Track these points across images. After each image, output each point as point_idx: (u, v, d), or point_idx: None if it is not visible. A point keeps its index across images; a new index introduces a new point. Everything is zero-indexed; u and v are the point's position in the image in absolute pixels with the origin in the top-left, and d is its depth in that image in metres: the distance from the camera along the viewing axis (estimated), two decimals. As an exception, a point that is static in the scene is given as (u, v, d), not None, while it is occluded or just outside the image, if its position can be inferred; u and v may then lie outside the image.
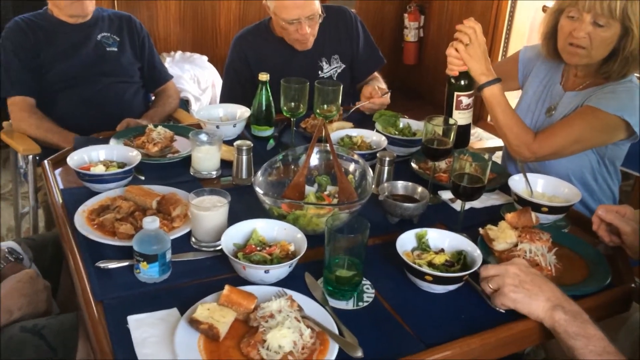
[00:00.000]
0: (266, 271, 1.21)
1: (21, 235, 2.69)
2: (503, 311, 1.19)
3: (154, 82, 2.42)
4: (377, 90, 2.16)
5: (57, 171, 1.72)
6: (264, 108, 1.98)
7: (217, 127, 1.92)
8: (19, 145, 2.10)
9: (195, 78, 3.77)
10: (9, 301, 1.31)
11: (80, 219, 1.40)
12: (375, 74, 2.43)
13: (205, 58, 4.02)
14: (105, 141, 1.83)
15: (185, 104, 3.55)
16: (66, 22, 2.19)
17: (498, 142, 2.34)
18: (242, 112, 2.00)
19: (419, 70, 5.19)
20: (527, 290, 1.15)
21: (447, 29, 4.86)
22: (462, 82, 1.75)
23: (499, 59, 4.41)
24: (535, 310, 1.14)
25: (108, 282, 1.23)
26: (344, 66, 2.33)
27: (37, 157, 2.14)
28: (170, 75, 2.51)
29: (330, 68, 2.30)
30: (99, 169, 1.55)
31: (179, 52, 4.03)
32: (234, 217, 1.37)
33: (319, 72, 2.27)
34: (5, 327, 1.30)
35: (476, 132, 4.41)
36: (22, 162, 2.32)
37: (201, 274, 1.28)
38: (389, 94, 2.16)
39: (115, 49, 2.24)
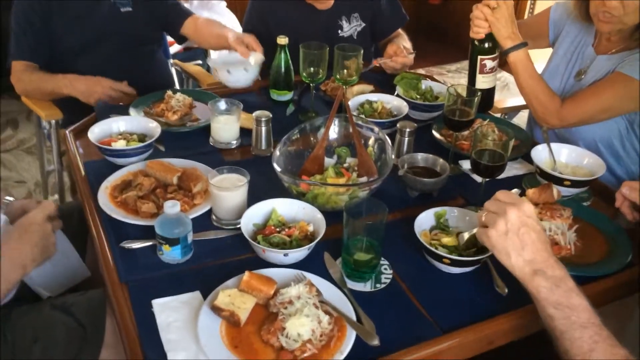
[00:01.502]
0: (285, 254, 1.23)
1: (48, 192, 2.76)
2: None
3: (176, 26, 2.29)
4: (402, 49, 2.09)
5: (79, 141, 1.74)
6: (282, 72, 1.94)
7: (229, 71, 1.90)
8: (41, 110, 2.12)
9: (214, 25, 3.69)
10: (21, 256, 1.23)
11: (104, 196, 1.43)
12: (400, 31, 2.34)
13: (223, 4, 3.92)
14: (126, 108, 1.83)
15: (203, 52, 3.50)
16: None
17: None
18: (255, 58, 1.94)
19: (444, 9, 5.01)
20: (510, 242, 1.06)
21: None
22: (486, 45, 1.69)
23: (526, 15, 4.24)
24: (512, 268, 1.07)
25: (132, 263, 1.27)
26: (364, 24, 2.25)
27: (60, 122, 2.16)
28: (191, 12, 2.37)
29: (350, 27, 2.22)
30: (120, 144, 1.56)
31: (197, -2, 3.94)
32: (252, 189, 1.39)
33: (339, 31, 2.21)
34: (35, 303, 1.36)
35: (502, 76, 4.28)
36: (45, 122, 2.34)
37: (222, 254, 1.31)
38: (414, 54, 2.09)
39: (130, 9, 2.18)
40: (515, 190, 1.24)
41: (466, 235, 1.24)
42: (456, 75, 4.47)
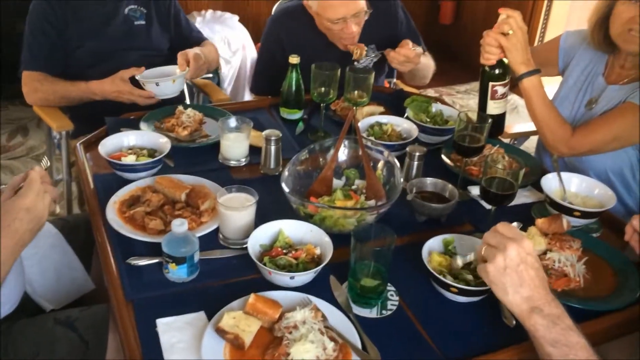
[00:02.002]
0: (292, 277, 1.22)
1: (56, 201, 2.76)
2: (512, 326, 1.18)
3: (185, 47, 2.35)
4: (410, 45, 2.05)
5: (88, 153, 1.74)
6: (293, 90, 1.95)
7: (157, 84, 1.95)
8: (52, 121, 2.12)
9: (225, 40, 3.73)
10: (39, 212, 1.19)
11: (112, 210, 1.43)
12: (426, 53, 2.34)
13: (236, 18, 3.96)
14: (136, 122, 1.84)
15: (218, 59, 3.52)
16: None
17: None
18: (180, 69, 2.03)
19: (455, 30, 5.03)
20: (509, 278, 1.05)
21: (487, -11, 4.66)
22: (497, 71, 1.69)
23: (537, 41, 4.27)
24: (510, 304, 1.06)
25: (138, 280, 1.26)
26: (380, 55, 2.25)
27: (70, 132, 2.17)
28: (204, 37, 2.43)
29: (367, 58, 2.22)
30: (130, 159, 1.57)
31: (210, 11, 3.97)
32: (260, 207, 1.38)
33: (355, 63, 2.21)
34: (38, 316, 1.36)
35: (511, 99, 4.28)
36: (55, 132, 2.35)
37: (228, 274, 1.30)
38: (424, 54, 2.04)
39: (143, 22, 2.20)
40: (515, 224, 1.24)
41: (460, 262, 1.23)
42: (465, 96, 4.48)
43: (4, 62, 3.51)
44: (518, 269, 1.05)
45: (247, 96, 3.81)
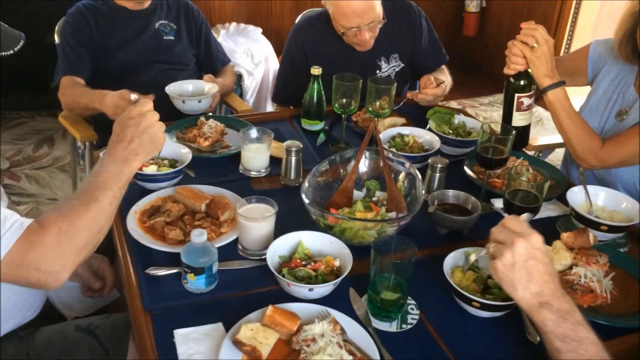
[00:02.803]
0: (310, 289, 1.21)
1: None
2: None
3: (210, 67, 2.41)
4: (431, 81, 2.08)
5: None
6: (315, 102, 1.95)
7: (183, 102, 1.99)
8: (77, 132, 2.16)
9: (248, 52, 3.75)
10: (122, 153, 1.23)
11: (133, 220, 1.44)
12: (442, 66, 2.34)
13: (259, 30, 3.99)
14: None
15: (238, 78, 3.55)
16: (126, 9, 2.20)
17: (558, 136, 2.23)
18: (209, 87, 2.09)
19: (479, 42, 5.00)
20: (517, 274, 1.03)
21: (512, 1, 4.63)
22: (523, 82, 1.67)
23: (562, 52, 4.22)
24: (519, 300, 1.04)
25: (156, 290, 1.26)
26: (402, 65, 2.24)
27: (95, 143, 2.20)
28: (228, 59, 2.49)
29: (389, 67, 2.22)
30: (151, 169, 1.58)
31: (234, 24, 4.01)
32: (279, 218, 1.38)
33: (377, 71, 2.20)
34: (60, 323, 1.37)
35: (536, 111, 4.23)
36: (80, 142, 2.39)
37: (247, 285, 1.29)
38: (445, 84, 2.07)
39: (172, 38, 2.25)
40: (524, 217, 1.21)
41: (473, 257, 1.21)
42: (489, 108, 4.43)
43: (32, 74, 3.59)
44: (527, 265, 1.03)
45: (270, 107, 3.82)
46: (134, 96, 1.43)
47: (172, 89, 2.03)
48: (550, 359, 1.02)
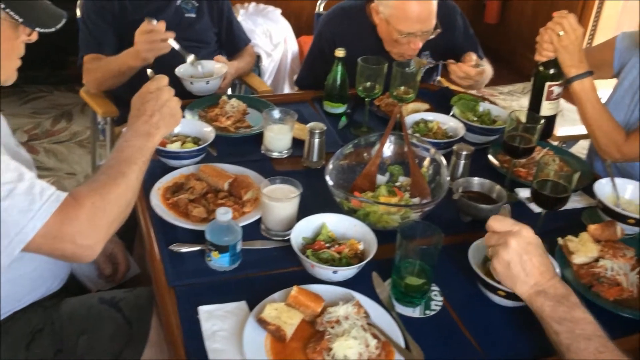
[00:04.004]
0: (334, 271, 1.20)
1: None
2: None
3: (232, 46, 2.39)
4: (472, 59, 1.99)
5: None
6: (338, 84, 1.93)
7: (191, 83, 1.97)
8: (98, 107, 2.15)
9: (267, 32, 3.72)
10: (143, 126, 1.27)
11: (156, 197, 1.44)
12: (484, 59, 2.29)
13: (278, 11, 3.95)
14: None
15: (256, 59, 3.53)
16: None
17: (579, 128, 2.20)
18: (218, 68, 2.06)
19: (500, 30, 4.92)
20: (514, 271, 1.07)
21: (535, -11, 4.56)
22: (553, 71, 1.65)
23: (585, 42, 4.17)
24: (519, 293, 1.09)
25: (180, 267, 1.26)
26: (433, 62, 2.20)
27: (115, 119, 2.19)
28: (249, 39, 2.47)
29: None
30: (175, 146, 1.57)
31: (253, 4, 3.98)
32: (301, 201, 1.37)
33: (406, 69, 2.16)
34: (84, 295, 1.38)
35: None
36: (100, 118, 2.38)
37: (270, 265, 1.29)
38: (483, 70, 2.00)
39: (193, 15, 2.23)
40: (504, 211, 1.21)
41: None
42: (508, 97, 4.38)
43: (52, 49, 3.58)
44: (522, 260, 1.07)
45: (287, 89, 3.81)
46: (150, 71, 1.43)
47: (182, 70, 2.01)
48: (550, 341, 1.05)
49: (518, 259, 1.07)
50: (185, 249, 1.30)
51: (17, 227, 1.02)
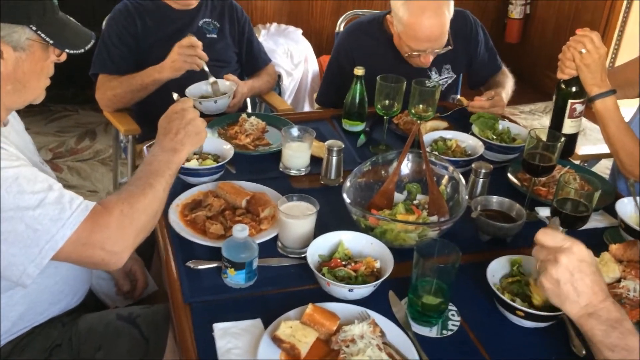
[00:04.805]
0: (350, 289, 1.20)
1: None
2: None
3: (251, 66, 2.43)
4: (492, 94, 2.00)
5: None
6: (357, 102, 1.94)
7: (200, 102, 1.98)
8: (120, 125, 2.19)
9: (288, 52, 3.76)
10: (170, 143, 1.32)
11: (174, 213, 1.45)
12: (503, 68, 2.30)
13: (299, 31, 4.00)
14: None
15: (277, 78, 3.57)
16: (173, 7, 2.23)
17: (601, 147, 2.17)
18: (227, 86, 2.08)
19: (521, 49, 4.90)
20: (564, 290, 1.01)
21: (557, 8, 4.53)
22: (575, 88, 1.63)
23: (608, 61, 4.12)
24: (568, 313, 1.03)
25: (196, 283, 1.27)
26: (454, 76, 2.20)
27: (137, 136, 2.23)
28: (269, 59, 2.50)
29: (440, 78, 2.18)
30: (193, 164, 1.59)
31: (274, 24, 4.03)
32: (319, 218, 1.37)
33: (427, 82, 2.17)
34: (102, 311, 1.39)
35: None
36: (122, 136, 2.42)
37: (286, 283, 1.29)
38: (494, 97, 1.99)
39: (215, 36, 2.27)
40: (554, 224, 1.18)
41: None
42: (529, 116, 4.34)
43: (77, 69, 3.67)
44: (573, 279, 1.01)
45: (307, 108, 3.83)
46: (175, 95, 1.47)
47: (191, 91, 2.03)
48: None
49: (569, 278, 1.00)
50: (201, 266, 1.31)
51: (48, 235, 1.06)
